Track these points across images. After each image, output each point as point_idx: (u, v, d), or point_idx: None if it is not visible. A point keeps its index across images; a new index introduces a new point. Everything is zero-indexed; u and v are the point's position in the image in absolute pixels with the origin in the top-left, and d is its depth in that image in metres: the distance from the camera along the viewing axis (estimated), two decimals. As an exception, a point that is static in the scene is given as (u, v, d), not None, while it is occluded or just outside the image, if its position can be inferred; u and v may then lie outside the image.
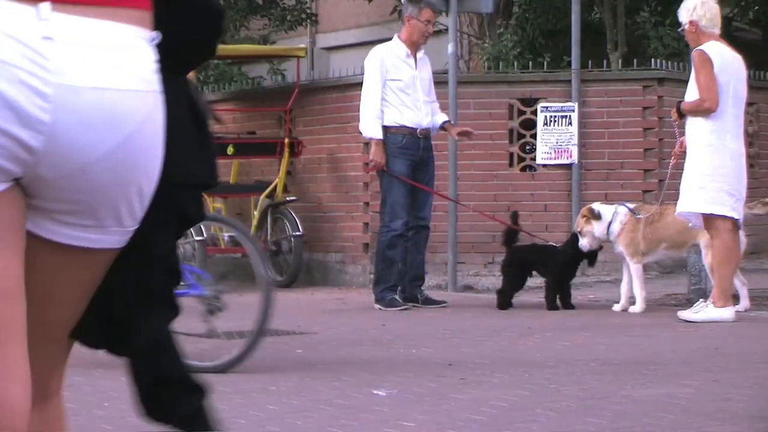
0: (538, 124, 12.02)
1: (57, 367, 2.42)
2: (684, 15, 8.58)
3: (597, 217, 9.23)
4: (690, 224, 8.73)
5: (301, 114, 12.91)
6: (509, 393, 5.66)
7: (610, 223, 9.18)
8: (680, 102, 8.65)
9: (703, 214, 8.40)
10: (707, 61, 8.37)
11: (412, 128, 9.70)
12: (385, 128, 9.68)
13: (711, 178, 8.36)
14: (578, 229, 9.38)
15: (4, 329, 2.11)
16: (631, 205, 9.38)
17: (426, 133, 9.80)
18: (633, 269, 9.07)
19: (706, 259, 8.78)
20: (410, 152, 9.70)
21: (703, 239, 8.85)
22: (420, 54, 9.89)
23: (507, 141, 12.26)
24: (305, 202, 12.62)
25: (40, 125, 2.05)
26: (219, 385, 6.06)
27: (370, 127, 9.75)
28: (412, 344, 7.57)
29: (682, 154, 8.87)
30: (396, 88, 9.70)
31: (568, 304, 9.36)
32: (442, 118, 10.04)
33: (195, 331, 6.36)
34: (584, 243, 9.29)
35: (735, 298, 8.71)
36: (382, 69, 9.70)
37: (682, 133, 8.79)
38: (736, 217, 8.41)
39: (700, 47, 8.43)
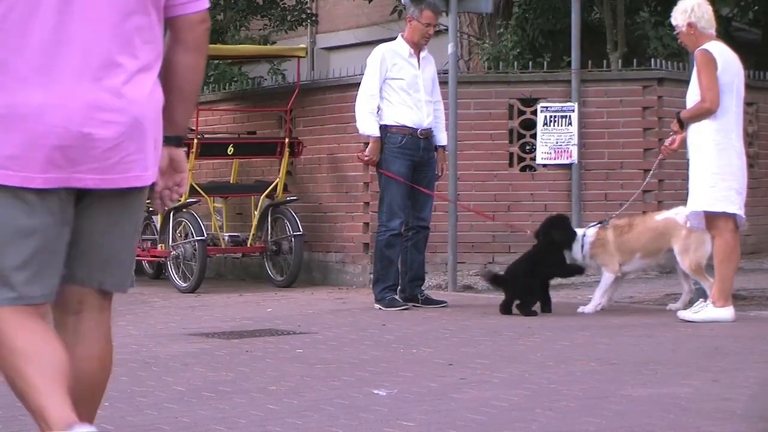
0: (538, 124, 12.03)
1: None
2: (680, 17, 8.50)
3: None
4: (688, 225, 8.71)
5: (301, 114, 12.91)
6: (509, 393, 5.67)
7: (582, 247, 9.13)
8: (679, 112, 8.61)
9: (709, 212, 8.36)
10: (711, 61, 8.32)
11: (412, 128, 9.65)
12: (385, 127, 9.63)
13: (720, 176, 8.33)
14: None
15: None
16: (596, 222, 9.36)
17: (427, 134, 9.73)
18: (604, 277, 9.05)
19: (683, 264, 8.80)
20: (410, 152, 9.64)
21: (677, 245, 8.85)
22: (423, 54, 9.86)
23: (507, 141, 12.26)
24: (305, 202, 12.62)
25: None
26: (219, 384, 6.07)
27: (366, 124, 9.67)
28: (412, 344, 7.57)
29: (673, 152, 8.88)
30: (398, 87, 9.65)
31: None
32: (442, 137, 9.94)
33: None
34: None
35: (734, 298, 8.70)
36: (383, 67, 9.66)
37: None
38: (743, 215, 8.41)
39: (703, 47, 8.38)
